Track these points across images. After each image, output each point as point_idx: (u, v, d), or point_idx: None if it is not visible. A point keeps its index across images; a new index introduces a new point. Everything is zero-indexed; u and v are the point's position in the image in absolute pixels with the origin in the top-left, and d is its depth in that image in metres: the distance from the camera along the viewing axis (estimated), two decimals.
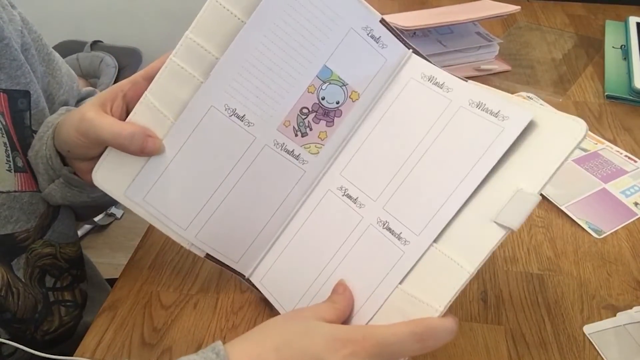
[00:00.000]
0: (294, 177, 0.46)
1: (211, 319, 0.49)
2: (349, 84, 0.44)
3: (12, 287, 0.50)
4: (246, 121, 0.43)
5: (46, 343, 0.55)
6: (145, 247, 0.56)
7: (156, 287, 0.52)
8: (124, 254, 1.61)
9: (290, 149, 0.45)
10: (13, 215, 0.50)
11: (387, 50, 0.44)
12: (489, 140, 0.38)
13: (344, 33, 0.43)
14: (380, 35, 0.44)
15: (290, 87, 0.44)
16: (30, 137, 0.53)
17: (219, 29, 0.42)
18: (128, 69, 1.83)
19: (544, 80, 0.85)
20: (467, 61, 0.86)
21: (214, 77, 0.42)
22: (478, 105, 0.39)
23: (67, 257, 0.58)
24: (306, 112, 0.45)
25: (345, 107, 0.45)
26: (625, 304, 0.50)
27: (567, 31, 1.00)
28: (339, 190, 0.44)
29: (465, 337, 0.47)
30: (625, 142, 0.71)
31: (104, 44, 1.93)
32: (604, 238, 0.57)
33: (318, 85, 0.44)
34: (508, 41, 0.95)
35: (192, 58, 0.42)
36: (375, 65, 0.44)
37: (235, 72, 0.42)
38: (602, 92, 0.82)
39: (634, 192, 0.62)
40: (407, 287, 0.39)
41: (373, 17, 0.43)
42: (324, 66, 0.44)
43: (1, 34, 0.51)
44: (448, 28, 0.88)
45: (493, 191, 0.37)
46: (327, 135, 0.45)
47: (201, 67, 0.42)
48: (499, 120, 0.38)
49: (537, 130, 0.37)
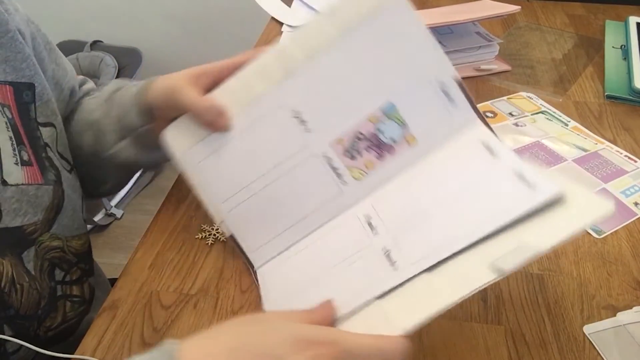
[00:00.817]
0: (330, 193, 0.47)
1: (211, 319, 0.49)
2: (409, 126, 0.46)
3: (15, 284, 0.51)
4: (306, 127, 0.47)
5: (49, 340, 0.55)
6: (145, 247, 0.56)
7: (156, 287, 0.52)
8: (124, 254, 1.61)
9: (336, 166, 0.47)
10: (21, 208, 0.51)
11: (456, 109, 0.45)
12: (511, 204, 0.38)
13: (419, 79, 0.45)
14: (452, 93, 0.45)
15: (354, 109, 0.46)
16: (37, 130, 0.54)
17: (314, 40, 0.46)
18: (128, 69, 1.83)
19: (544, 80, 0.85)
20: (467, 61, 0.86)
21: (293, 80, 0.46)
22: (516, 173, 0.40)
23: (75, 251, 0.58)
24: (361, 137, 0.46)
25: (399, 147, 0.46)
26: (625, 304, 0.50)
27: (567, 31, 1.00)
28: (364, 217, 0.45)
29: (465, 337, 0.47)
30: (625, 142, 0.71)
31: (104, 44, 1.93)
32: (604, 238, 0.57)
33: (380, 117, 0.46)
34: (508, 41, 0.95)
35: (281, 59, 0.47)
36: (440, 119, 0.45)
37: (313, 80, 0.46)
38: (602, 92, 0.82)
39: (634, 192, 0.62)
40: (385, 302, 0.39)
41: (450, 75, 0.45)
42: (390, 102, 0.46)
43: (6, 26, 0.52)
44: (448, 28, 0.88)
45: (501, 244, 0.38)
46: (374, 166, 0.47)
47: (285, 68, 0.47)
48: (529, 190, 0.38)
49: (565, 204, 0.37)
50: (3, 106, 0.51)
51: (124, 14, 2.02)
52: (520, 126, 0.73)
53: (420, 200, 0.44)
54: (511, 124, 0.74)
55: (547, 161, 0.66)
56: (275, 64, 0.47)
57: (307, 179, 0.47)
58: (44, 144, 0.55)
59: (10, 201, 0.49)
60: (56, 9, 2.01)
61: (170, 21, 2.02)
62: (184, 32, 2.04)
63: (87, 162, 0.62)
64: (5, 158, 0.50)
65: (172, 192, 0.63)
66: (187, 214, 0.60)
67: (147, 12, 2.01)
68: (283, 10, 1.09)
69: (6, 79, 0.52)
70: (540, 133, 0.71)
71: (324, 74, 0.46)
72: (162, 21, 2.02)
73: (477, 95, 0.81)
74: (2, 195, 0.49)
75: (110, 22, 2.04)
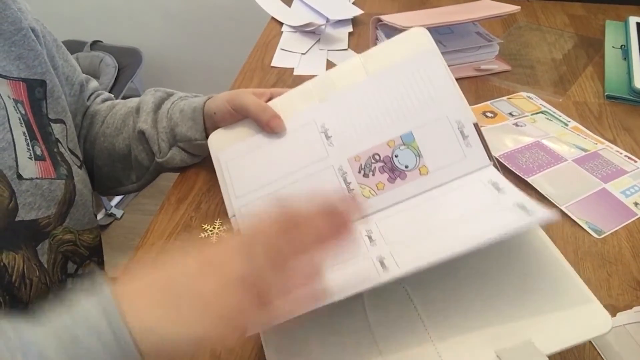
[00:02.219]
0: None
1: None
2: (424, 157, 0.49)
3: (25, 278, 0.51)
4: (330, 141, 0.52)
5: None
6: (145, 247, 0.56)
7: None
8: (124, 254, 1.61)
9: (349, 180, 0.50)
10: (36, 202, 0.51)
11: (470, 150, 0.48)
12: (509, 222, 0.40)
13: (438, 116, 0.49)
14: (469, 135, 0.48)
15: (376, 133, 0.51)
16: (48, 126, 0.56)
17: (349, 74, 0.54)
18: (128, 69, 1.83)
19: (544, 80, 0.85)
20: (467, 61, 0.86)
21: (327, 102, 0.53)
22: (519, 205, 0.42)
23: (87, 245, 0.59)
24: (377, 158, 0.50)
25: (411, 175, 0.49)
26: (625, 304, 0.50)
27: (567, 31, 1.00)
28: (365, 231, 0.47)
29: None
30: (625, 142, 0.71)
31: (104, 44, 1.93)
32: (604, 238, 0.57)
33: (398, 143, 0.50)
34: (508, 41, 0.95)
35: (320, 86, 0.55)
36: (454, 157, 0.48)
37: (343, 105, 0.52)
38: (602, 92, 0.82)
39: (634, 192, 0.62)
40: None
41: (468, 117, 0.49)
42: (410, 132, 0.50)
43: (19, 24, 0.54)
44: (448, 28, 0.88)
45: (508, 327, 0.40)
46: (384, 188, 0.49)
47: (322, 94, 0.54)
48: (526, 215, 0.40)
49: (573, 305, 0.40)
50: (17, 102, 0.52)
51: (124, 14, 2.02)
52: (520, 126, 0.73)
53: (419, 224, 0.45)
54: (511, 124, 0.74)
55: (547, 161, 0.66)
56: (314, 90, 0.55)
57: (320, 187, 0.50)
58: (55, 139, 0.56)
59: (25, 195, 0.50)
60: (56, 8, 2.01)
61: (170, 21, 2.02)
62: (184, 32, 2.04)
63: (117, 161, 0.67)
64: (20, 153, 0.51)
65: (172, 192, 0.63)
66: (187, 214, 0.60)
67: (147, 12, 2.01)
68: (283, 10, 1.09)
69: (20, 76, 0.53)
70: (540, 133, 0.71)
71: (353, 100, 0.52)
72: (162, 21, 2.02)
73: (477, 95, 0.81)
74: (18, 189, 0.50)
75: (110, 22, 2.04)
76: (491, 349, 0.39)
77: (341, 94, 0.53)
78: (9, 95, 0.52)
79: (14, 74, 0.53)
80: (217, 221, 0.59)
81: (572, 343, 0.38)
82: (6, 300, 0.49)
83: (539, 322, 0.40)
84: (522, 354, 0.38)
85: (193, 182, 0.64)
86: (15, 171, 0.50)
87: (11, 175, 0.49)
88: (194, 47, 2.08)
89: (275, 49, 0.96)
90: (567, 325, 0.39)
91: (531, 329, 0.40)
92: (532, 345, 0.38)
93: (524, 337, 0.39)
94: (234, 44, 2.02)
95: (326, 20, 1.01)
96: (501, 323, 0.40)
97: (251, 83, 0.86)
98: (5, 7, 0.53)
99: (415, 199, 0.48)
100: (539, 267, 0.43)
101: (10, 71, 0.53)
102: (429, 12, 0.91)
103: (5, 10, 0.53)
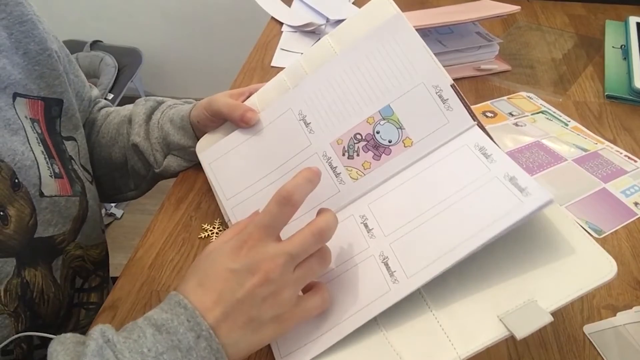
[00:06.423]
0: (329, 192, 0.48)
1: None
2: (406, 129, 0.47)
3: (44, 294, 0.52)
4: (310, 128, 0.50)
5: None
6: (145, 247, 0.56)
7: (156, 287, 0.52)
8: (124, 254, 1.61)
9: (335, 165, 0.49)
10: (53, 218, 0.52)
11: (451, 113, 0.46)
12: (506, 210, 0.39)
13: (414, 84, 0.47)
14: (448, 98, 0.46)
15: (354, 112, 0.49)
16: (62, 144, 0.57)
17: (318, 55, 0.52)
18: (128, 69, 1.84)
19: (544, 80, 0.85)
20: (467, 61, 0.86)
21: (299, 88, 0.52)
22: (511, 179, 0.41)
23: (93, 259, 0.60)
24: (359, 138, 0.49)
25: (396, 149, 0.47)
26: (625, 304, 0.50)
27: (567, 31, 1.00)
28: (360, 217, 0.46)
29: None
30: (625, 142, 0.71)
31: (104, 44, 1.93)
32: (604, 238, 0.57)
33: (377, 119, 0.48)
34: (508, 41, 0.95)
35: (292, 73, 0.54)
36: (436, 123, 0.46)
37: (316, 88, 0.51)
38: (602, 92, 0.82)
39: (634, 192, 0.62)
40: (391, 336, 0.40)
41: (445, 80, 0.46)
42: (388, 105, 0.48)
43: (45, 44, 0.55)
44: (448, 28, 0.88)
45: (509, 288, 0.39)
46: (370, 166, 0.48)
47: (294, 80, 0.53)
48: (522, 196, 0.39)
49: (572, 254, 0.39)
50: (33, 121, 0.53)
51: (124, 14, 2.02)
52: (520, 126, 0.73)
53: (414, 204, 0.44)
54: (511, 123, 0.74)
55: (547, 161, 0.66)
56: (287, 78, 0.54)
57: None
58: (69, 157, 0.57)
59: (44, 212, 0.51)
60: (56, 9, 2.01)
61: (170, 21, 2.02)
62: (184, 32, 2.04)
63: (114, 170, 0.68)
64: (42, 171, 0.51)
65: (172, 192, 0.63)
66: (187, 214, 0.60)
67: (147, 12, 2.01)
68: (283, 10, 1.09)
69: (39, 94, 0.54)
70: (540, 133, 0.71)
71: (326, 80, 0.50)
72: (162, 21, 2.02)
73: (477, 95, 0.81)
74: (39, 206, 0.50)
75: (110, 22, 2.04)
76: (494, 313, 0.38)
77: (312, 77, 0.51)
78: (26, 116, 0.52)
79: (34, 92, 0.54)
80: (217, 221, 0.59)
81: (576, 295, 0.37)
82: (27, 316, 0.50)
83: (539, 279, 0.39)
84: (526, 315, 0.37)
85: (193, 182, 0.64)
86: (38, 189, 0.50)
87: (34, 193, 0.50)
88: (194, 47, 2.09)
89: (275, 49, 0.96)
90: (570, 277, 0.38)
91: (532, 287, 0.38)
92: (535, 305, 0.37)
93: (526, 297, 0.38)
94: (234, 44, 2.02)
95: (326, 20, 1.01)
96: (501, 285, 0.39)
97: (251, 83, 0.86)
98: (34, 27, 0.54)
99: (404, 173, 0.46)
100: (532, 223, 0.42)
101: (31, 90, 0.53)
102: (428, 12, 0.91)
103: (33, 30, 0.54)
